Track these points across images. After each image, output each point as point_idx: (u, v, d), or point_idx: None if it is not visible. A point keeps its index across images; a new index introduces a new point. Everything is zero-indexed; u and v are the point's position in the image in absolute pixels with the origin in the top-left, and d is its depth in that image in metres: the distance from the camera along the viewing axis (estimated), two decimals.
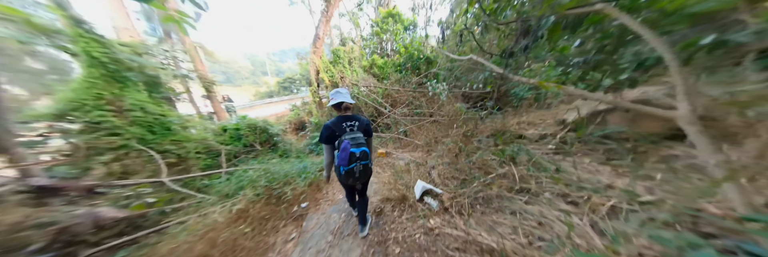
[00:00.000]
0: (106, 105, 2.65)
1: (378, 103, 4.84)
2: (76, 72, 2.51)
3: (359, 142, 1.08)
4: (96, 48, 2.50)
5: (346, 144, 1.04)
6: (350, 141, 1.06)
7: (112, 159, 2.72)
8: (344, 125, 1.12)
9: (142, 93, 2.92)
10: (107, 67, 2.60)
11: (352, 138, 1.07)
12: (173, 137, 3.30)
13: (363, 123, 1.17)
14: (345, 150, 1.04)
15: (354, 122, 1.14)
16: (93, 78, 2.56)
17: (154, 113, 3.01)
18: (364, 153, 1.09)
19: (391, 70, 6.17)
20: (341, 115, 1.18)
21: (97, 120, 2.53)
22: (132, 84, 2.85)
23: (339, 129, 1.10)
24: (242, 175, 2.73)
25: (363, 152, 1.08)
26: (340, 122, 1.13)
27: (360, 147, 1.07)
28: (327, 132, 1.11)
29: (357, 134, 1.10)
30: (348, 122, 1.13)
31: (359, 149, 1.06)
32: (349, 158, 1.05)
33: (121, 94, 2.78)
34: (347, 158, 1.04)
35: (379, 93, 5.24)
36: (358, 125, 1.14)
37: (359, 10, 5.75)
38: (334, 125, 1.11)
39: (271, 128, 4.33)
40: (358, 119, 1.16)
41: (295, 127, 7.21)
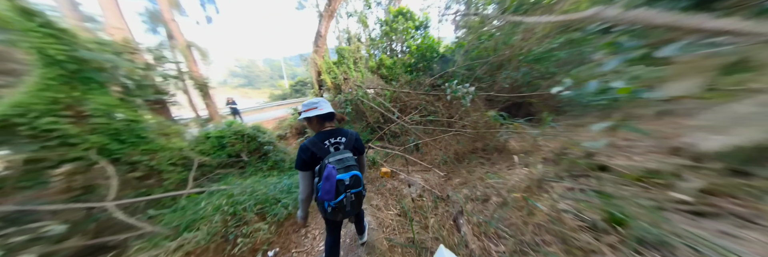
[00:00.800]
0: (63, 110, 2.18)
1: (385, 107, 4.06)
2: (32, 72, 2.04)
3: (348, 164, 0.78)
4: (51, 44, 2.05)
5: (330, 170, 0.74)
6: (336, 165, 0.76)
7: (63, 174, 2.27)
8: (327, 143, 0.84)
9: (109, 96, 2.45)
10: (65, 66, 2.14)
11: (338, 161, 0.77)
12: (145, 147, 2.81)
13: (352, 138, 0.89)
14: (329, 179, 0.73)
15: (340, 138, 0.86)
16: (48, 79, 2.12)
17: (122, 120, 2.50)
18: (355, 179, 0.78)
19: (400, 71, 5.40)
20: (323, 130, 0.88)
21: (46, 128, 2.07)
22: (98, 86, 2.40)
23: (320, 150, 0.81)
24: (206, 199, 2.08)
25: (354, 177, 0.78)
26: (322, 139, 0.84)
27: (349, 171, 0.77)
28: (304, 155, 0.81)
29: (345, 154, 0.80)
30: (332, 138, 0.85)
31: (349, 173, 0.77)
32: (336, 189, 0.74)
33: (83, 97, 2.31)
34: (334, 190, 0.73)
35: (387, 96, 4.47)
36: (346, 142, 0.86)
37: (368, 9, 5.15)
38: (314, 146, 0.81)
39: (261, 136, 3.75)
40: (346, 134, 0.89)
41: (296, 131, 6.71)
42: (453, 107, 3.43)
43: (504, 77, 3.02)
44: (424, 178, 2.28)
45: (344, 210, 0.78)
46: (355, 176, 0.78)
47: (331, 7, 4.19)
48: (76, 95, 2.35)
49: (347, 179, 0.76)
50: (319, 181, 0.79)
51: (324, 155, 0.80)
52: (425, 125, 3.44)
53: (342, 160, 0.78)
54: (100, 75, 2.44)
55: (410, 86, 4.69)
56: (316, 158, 0.80)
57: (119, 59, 2.70)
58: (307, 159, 0.81)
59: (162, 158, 2.91)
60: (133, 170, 2.75)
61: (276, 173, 3.77)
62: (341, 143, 0.86)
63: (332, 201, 0.75)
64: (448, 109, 3.42)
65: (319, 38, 4.59)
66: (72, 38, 2.23)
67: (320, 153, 0.80)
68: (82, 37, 2.34)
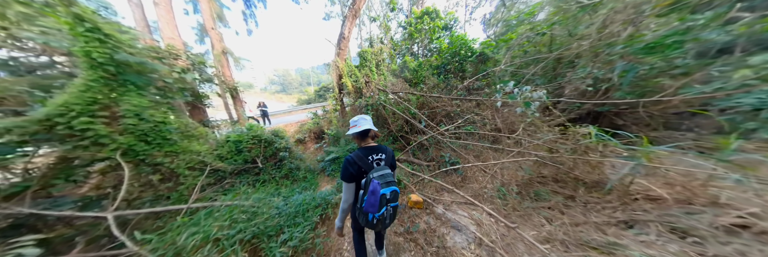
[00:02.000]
0: (99, 111, 2.23)
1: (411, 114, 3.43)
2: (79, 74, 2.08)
3: (389, 180, 0.84)
4: (96, 48, 2.08)
5: (375, 185, 0.80)
6: (379, 180, 0.81)
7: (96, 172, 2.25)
8: (371, 158, 0.89)
9: (143, 98, 2.46)
10: (106, 68, 2.23)
11: (381, 176, 0.82)
12: (168, 148, 2.74)
13: (389, 155, 0.94)
14: (375, 193, 0.80)
15: (381, 155, 0.91)
16: (90, 81, 2.17)
17: (151, 121, 2.43)
18: (394, 194, 0.86)
19: (427, 73, 4.77)
20: (366, 146, 0.94)
21: (81, 127, 2.10)
22: (134, 88, 2.43)
23: (365, 165, 0.87)
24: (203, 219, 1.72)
25: (393, 192, 0.85)
26: (366, 155, 0.89)
27: (390, 186, 0.83)
28: (352, 169, 0.86)
29: (385, 170, 0.86)
30: (374, 155, 0.91)
31: (389, 188, 0.83)
32: (380, 203, 0.80)
33: (119, 99, 2.30)
34: (378, 204, 0.80)
35: (412, 101, 3.86)
36: (386, 158, 0.92)
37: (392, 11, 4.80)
38: (360, 160, 0.87)
39: (278, 142, 3.49)
40: (385, 151, 0.93)
41: (315, 136, 6.55)
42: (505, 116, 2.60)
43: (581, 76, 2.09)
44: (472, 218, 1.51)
45: (384, 221, 0.85)
46: (394, 191, 0.83)
47: (356, 7, 3.93)
48: (113, 97, 2.37)
49: (389, 194, 0.82)
50: (364, 194, 0.82)
51: (369, 169, 0.84)
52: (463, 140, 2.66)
53: (384, 175, 0.82)
54: (138, 78, 2.45)
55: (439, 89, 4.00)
56: (361, 172, 0.85)
57: (155, 63, 2.71)
58: (354, 172, 0.85)
59: (181, 161, 2.79)
60: (155, 172, 2.69)
61: (288, 184, 3.44)
62: (382, 159, 0.90)
63: (377, 213, 0.80)
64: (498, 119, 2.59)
65: (342, 40, 4.35)
66: (116, 42, 2.26)
67: (365, 167, 0.85)
68: (125, 42, 2.37)
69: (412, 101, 4.00)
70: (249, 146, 3.27)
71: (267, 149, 3.46)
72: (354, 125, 0.91)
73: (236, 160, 3.15)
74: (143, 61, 2.45)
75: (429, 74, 4.66)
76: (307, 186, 3.42)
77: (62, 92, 2.16)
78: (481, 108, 3.16)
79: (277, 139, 3.57)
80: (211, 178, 3.00)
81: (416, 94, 3.88)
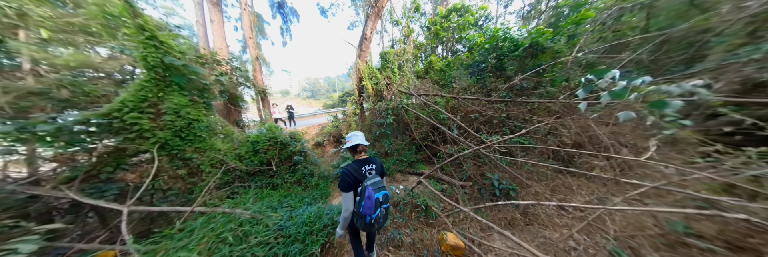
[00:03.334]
0: (148, 108, 2.50)
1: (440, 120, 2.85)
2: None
3: (380, 186, 1.05)
4: (152, 53, 2.32)
5: (370, 192, 1.00)
6: (372, 187, 1.01)
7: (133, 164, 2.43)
8: (364, 169, 1.08)
9: (183, 97, 2.76)
10: (157, 70, 2.54)
11: (373, 183, 1.03)
12: (199, 145, 2.85)
13: (379, 165, 1.16)
14: (370, 198, 0.99)
15: (372, 165, 1.12)
16: (145, 81, 2.53)
17: (187, 118, 2.66)
18: (386, 197, 1.07)
19: (457, 73, 4.14)
20: (359, 158, 1.13)
21: (130, 121, 2.35)
22: (178, 88, 2.75)
23: (360, 175, 1.06)
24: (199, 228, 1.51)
25: (385, 195, 1.06)
26: (360, 166, 1.09)
27: (381, 191, 1.04)
28: (350, 179, 1.04)
29: (376, 178, 1.07)
30: (366, 165, 1.11)
31: (381, 193, 1.04)
32: (375, 205, 1.00)
33: (164, 97, 2.49)
34: (374, 206, 0.99)
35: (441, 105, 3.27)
36: (376, 168, 1.13)
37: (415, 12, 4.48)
38: (356, 171, 1.06)
39: (294, 145, 3.35)
40: (375, 162, 1.14)
41: (334, 139, 6.46)
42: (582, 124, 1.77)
43: (751, 57, 1.19)
44: None
45: (380, 221, 1.03)
46: (385, 195, 1.05)
47: (379, 5, 3.74)
48: (160, 96, 2.58)
49: (381, 197, 1.01)
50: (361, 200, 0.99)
51: (363, 178, 1.04)
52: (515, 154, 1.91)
53: (375, 183, 1.03)
54: (181, 79, 2.68)
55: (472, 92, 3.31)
56: (357, 182, 1.03)
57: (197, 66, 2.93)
58: (352, 182, 1.02)
59: (206, 158, 2.85)
60: (184, 166, 2.81)
61: (299, 190, 3.20)
62: (373, 169, 1.10)
63: (373, 214, 0.98)
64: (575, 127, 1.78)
65: (364, 42, 4.19)
66: (167, 49, 2.48)
67: (360, 177, 1.03)
68: (175, 48, 2.62)
69: (440, 104, 3.40)
70: (265, 148, 3.19)
71: (282, 152, 3.34)
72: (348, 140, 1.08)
73: (253, 160, 3.09)
74: (186, 65, 2.65)
75: (460, 75, 4.01)
76: (318, 195, 3.10)
77: (124, 91, 2.43)
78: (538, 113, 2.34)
79: (293, 142, 3.44)
80: (228, 176, 2.98)
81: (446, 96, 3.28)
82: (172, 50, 2.65)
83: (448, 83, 4.09)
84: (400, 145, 3.79)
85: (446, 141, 2.80)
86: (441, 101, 3.58)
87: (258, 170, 3.17)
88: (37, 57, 2.34)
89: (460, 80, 3.76)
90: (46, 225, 1.48)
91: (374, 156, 1.40)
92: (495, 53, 3.64)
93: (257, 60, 5.50)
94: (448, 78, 4.13)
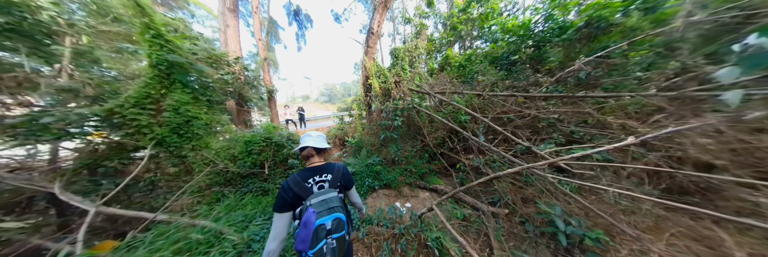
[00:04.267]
0: (149, 104, 2.51)
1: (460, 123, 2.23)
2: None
3: (331, 206, 0.70)
4: (157, 51, 2.30)
5: (309, 215, 0.65)
6: (317, 208, 0.67)
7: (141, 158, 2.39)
8: (310, 182, 0.75)
9: (185, 94, 2.77)
10: (160, 67, 2.59)
11: (321, 202, 0.69)
12: (196, 143, 2.74)
13: (338, 174, 0.79)
14: (307, 225, 0.64)
15: (326, 176, 0.78)
16: (149, 78, 2.58)
17: (186, 115, 2.65)
18: (337, 222, 0.69)
19: (481, 67, 3.46)
20: (309, 167, 0.80)
21: (130, 117, 2.36)
22: (181, 86, 2.76)
23: (302, 190, 0.72)
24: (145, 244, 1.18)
25: (337, 220, 0.69)
26: (305, 178, 0.76)
27: (332, 214, 0.68)
28: (286, 195, 0.71)
29: (329, 194, 0.72)
30: (317, 176, 0.77)
31: (331, 217, 0.68)
32: (314, 237, 0.63)
33: (167, 94, 2.50)
34: (310, 239, 0.63)
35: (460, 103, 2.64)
36: (332, 179, 0.77)
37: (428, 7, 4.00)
38: (296, 185, 0.72)
39: (289, 146, 3.04)
40: (332, 170, 0.79)
41: (340, 142, 6.13)
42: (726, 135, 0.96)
43: None
44: None
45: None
46: (337, 219, 0.68)
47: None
48: (163, 93, 2.52)
49: (329, 224, 0.66)
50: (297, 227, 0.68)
51: (306, 195, 0.71)
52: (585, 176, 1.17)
53: (326, 201, 0.69)
54: (183, 76, 2.66)
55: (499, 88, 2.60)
56: (298, 199, 0.70)
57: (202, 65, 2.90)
58: (288, 200, 0.70)
59: (200, 157, 2.69)
60: (181, 163, 2.70)
61: None
62: (326, 180, 0.76)
63: (309, 251, 0.62)
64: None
65: (371, 37, 3.84)
66: (174, 47, 2.46)
67: (303, 193, 0.71)
68: (182, 47, 2.61)
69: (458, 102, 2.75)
70: (259, 148, 2.93)
71: (278, 154, 3.03)
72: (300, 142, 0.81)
73: (246, 162, 2.83)
74: (189, 62, 2.59)
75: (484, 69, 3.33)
76: None
77: (130, 88, 2.43)
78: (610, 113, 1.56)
79: (290, 144, 3.13)
80: (220, 178, 2.75)
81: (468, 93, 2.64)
82: (178, 49, 2.64)
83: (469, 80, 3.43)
84: (410, 152, 3.18)
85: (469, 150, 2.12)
86: (460, 100, 2.93)
87: (251, 173, 2.89)
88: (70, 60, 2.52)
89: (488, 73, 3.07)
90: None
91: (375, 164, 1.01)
92: (531, 40, 2.89)
93: (266, 61, 5.66)
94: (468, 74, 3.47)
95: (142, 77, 2.53)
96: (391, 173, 2.96)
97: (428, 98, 3.26)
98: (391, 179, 2.82)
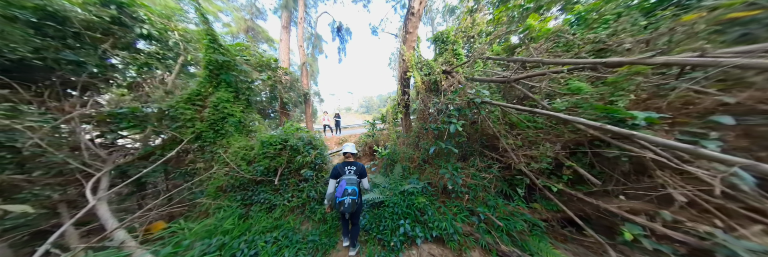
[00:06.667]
0: (198, 100, 2.66)
1: (615, 120, 1.01)
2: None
3: (352, 182, 1.58)
4: (211, 54, 2.43)
5: (343, 183, 1.56)
6: (347, 181, 1.57)
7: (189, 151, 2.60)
8: (346, 168, 1.66)
9: (229, 93, 2.87)
10: (210, 69, 2.75)
11: (348, 179, 1.58)
12: (227, 139, 2.67)
13: (359, 168, 1.68)
14: (341, 186, 1.55)
15: (352, 167, 1.67)
16: (202, 78, 2.78)
17: (223, 112, 2.71)
18: (353, 190, 1.54)
19: (626, 19, 1.77)
20: (345, 161, 1.75)
21: (181, 111, 2.53)
22: (225, 85, 2.87)
23: (342, 171, 1.65)
24: None
25: (353, 190, 1.54)
26: (344, 166, 1.67)
27: (351, 185, 1.55)
28: (334, 172, 1.66)
29: (352, 176, 1.61)
30: (348, 166, 1.67)
31: (351, 187, 1.54)
32: (343, 192, 1.53)
33: (214, 92, 2.77)
34: (342, 192, 1.53)
35: (585, 92, 1.11)
36: (355, 170, 1.66)
37: None
38: (340, 168, 1.67)
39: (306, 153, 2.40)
40: (356, 165, 1.69)
41: (370, 151, 5.30)
42: None
43: None
44: None
45: (344, 205, 1.50)
46: (353, 189, 1.54)
47: None
48: (211, 91, 2.77)
49: (349, 190, 1.53)
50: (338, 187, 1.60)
51: (343, 174, 1.63)
52: None
53: (350, 179, 1.58)
54: (229, 76, 2.85)
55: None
56: (338, 174, 1.63)
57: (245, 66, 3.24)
58: (335, 174, 1.65)
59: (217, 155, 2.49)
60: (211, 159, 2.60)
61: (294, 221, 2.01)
62: (353, 170, 1.65)
63: (340, 198, 1.52)
64: None
65: (410, 19, 3.00)
66: (224, 51, 2.56)
67: (341, 172, 1.64)
68: (230, 50, 2.72)
69: (584, 90, 1.26)
70: (275, 152, 2.43)
71: (293, 160, 2.43)
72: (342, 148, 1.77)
73: (260, 165, 2.39)
74: (230, 61, 2.77)
75: (633, 20, 1.65)
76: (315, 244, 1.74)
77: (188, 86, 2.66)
78: None
79: (307, 149, 2.48)
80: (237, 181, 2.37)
81: (640, 63, 1.17)
82: (226, 52, 2.77)
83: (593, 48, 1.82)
84: (477, 178, 1.76)
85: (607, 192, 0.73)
86: (584, 86, 1.40)
87: (262, 180, 2.38)
88: None
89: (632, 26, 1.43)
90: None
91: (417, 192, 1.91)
92: None
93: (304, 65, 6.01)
94: (591, 40, 1.86)
95: (198, 77, 2.72)
96: (444, 213, 1.66)
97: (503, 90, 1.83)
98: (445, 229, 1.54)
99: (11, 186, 1.63)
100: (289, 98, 4.57)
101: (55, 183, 1.86)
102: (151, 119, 2.47)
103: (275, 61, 4.29)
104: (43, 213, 1.63)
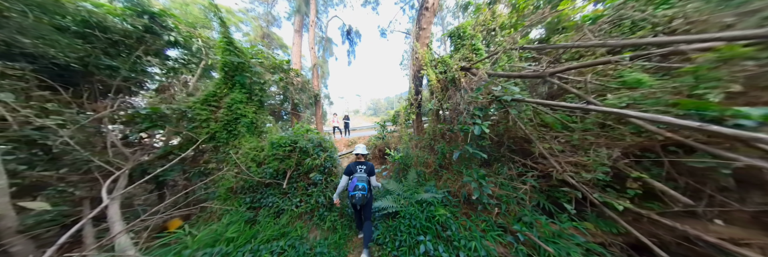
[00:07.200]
0: (214, 101, 2.71)
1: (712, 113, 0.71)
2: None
3: (362, 179, 1.81)
4: (227, 56, 2.50)
5: (354, 180, 1.81)
6: (358, 178, 1.81)
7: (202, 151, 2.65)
8: (358, 167, 1.88)
9: (243, 95, 2.89)
10: (225, 70, 2.81)
11: (359, 177, 1.83)
12: (239, 140, 2.69)
13: (369, 167, 1.89)
14: (353, 183, 1.80)
15: (363, 166, 1.88)
16: (217, 79, 2.86)
17: (236, 113, 2.73)
18: (363, 187, 1.78)
19: None
20: (357, 160, 1.97)
21: (197, 112, 2.59)
22: (239, 87, 2.91)
23: (354, 169, 1.88)
24: None
25: (363, 186, 1.78)
26: (356, 165, 1.89)
27: (361, 182, 1.79)
28: (347, 170, 1.90)
29: (362, 174, 1.85)
30: (359, 165, 1.89)
31: (361, 183, 1.79)
32: (354, 188, 1.77)
33: (228, 93, 2.80)
34: (353, 187, 1.78)
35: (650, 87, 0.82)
36: (365, 169, 1.88)
37: None
38: (352, 166, 1.89)
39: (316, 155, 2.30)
40: (367, 165, 1.90)
41: (380, 154, 5.11)
42: None
43: None
44: None
45: (355, 198, 1.74)
46: (363, 186, 1.78)
47: None
48: (226, 92, 2.81)
49: (359, 186, 1.76)
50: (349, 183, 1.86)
51: (355, 171, 1.86)
52: None
53: (360, 177, 1.82)
54: (243, 78, 2.88)
55: None
56: (351, 172, 1.88)
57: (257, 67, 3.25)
58: (348, 171, 1.89)
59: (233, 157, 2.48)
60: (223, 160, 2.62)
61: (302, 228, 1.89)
62: (363, 168, 1.87)
63: (351, 192, 1.77)
64: None
65: (423, 14, 2.86)
66: (239, 53, 2.59)
67: (353, 170, 1.87)
68: (245, 52, 2.76)
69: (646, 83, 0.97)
70: (284, 154, 2.36)
71: (302, 163, 2.35)
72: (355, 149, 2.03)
73: (270, 167, 2.33)
74: (243, 62, 2.87)
75: None
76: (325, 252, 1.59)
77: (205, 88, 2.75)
78: None
79: (317, 152, 2.38)
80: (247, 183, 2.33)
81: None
82: (241, 54, 2.82)
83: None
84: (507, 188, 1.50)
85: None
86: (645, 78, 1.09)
87: (270, 182, 2.31)
88: None
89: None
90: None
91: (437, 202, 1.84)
92: None
93: (315, 67, 6.06)
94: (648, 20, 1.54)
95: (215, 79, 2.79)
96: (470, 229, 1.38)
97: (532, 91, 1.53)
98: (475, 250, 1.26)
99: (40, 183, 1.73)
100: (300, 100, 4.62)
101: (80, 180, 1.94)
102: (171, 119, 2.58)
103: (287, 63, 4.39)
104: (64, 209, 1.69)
